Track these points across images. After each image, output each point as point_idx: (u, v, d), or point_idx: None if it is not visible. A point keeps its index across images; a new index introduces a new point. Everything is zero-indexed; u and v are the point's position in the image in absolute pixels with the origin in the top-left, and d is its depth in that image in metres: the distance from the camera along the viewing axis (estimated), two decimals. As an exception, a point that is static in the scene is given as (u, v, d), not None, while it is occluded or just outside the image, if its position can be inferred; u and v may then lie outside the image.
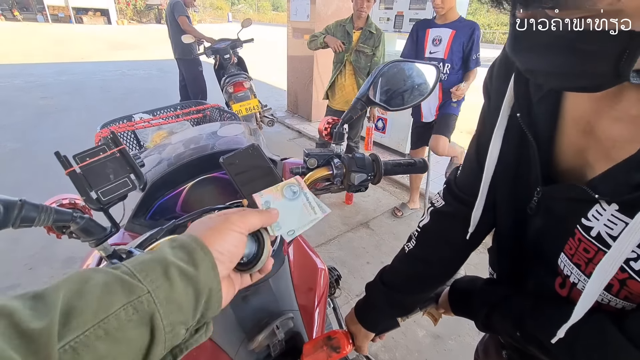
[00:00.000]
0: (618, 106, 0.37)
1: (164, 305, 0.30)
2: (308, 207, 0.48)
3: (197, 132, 0.78)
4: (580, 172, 0.44)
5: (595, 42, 0.27)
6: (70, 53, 10.32)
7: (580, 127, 0.43)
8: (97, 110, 4.85)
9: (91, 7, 26.50)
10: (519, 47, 0.34)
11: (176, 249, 0.34)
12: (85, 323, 0.25)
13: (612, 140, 0.39)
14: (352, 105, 0.69)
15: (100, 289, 0.27)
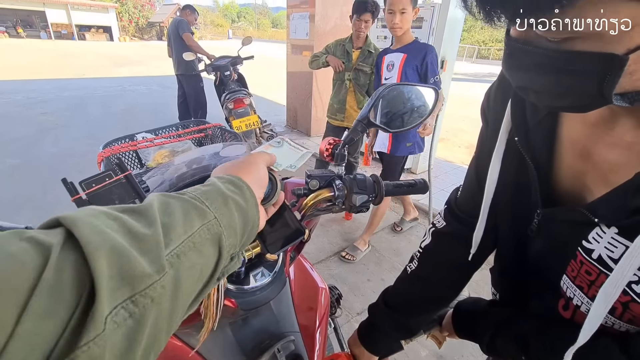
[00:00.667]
0: (612, 132, 0.38)
1: (226, 229, 0.35)
2: (294, 148, 0.61)
3: (200, 152, 0.79)
4: (579, 195, 0.45)
5: (579, 63, 0.29)
6: (72, 69, 10.47)
7: (577, 151, 0.44)
8: (98, 125, 4.88)
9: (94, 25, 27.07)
10: (512, 65, 0.35)
11: (227, 184, 0.39)
12: (180, 237, 0.30)
13: (609, 165, 0.39)
14: (353, 127, 0.70)
15: (181, 211, 0.32)
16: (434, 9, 2.97)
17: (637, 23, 0.25)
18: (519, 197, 0.52)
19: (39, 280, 0.21)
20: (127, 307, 0.24)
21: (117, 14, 28.58)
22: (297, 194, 0.70)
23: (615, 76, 0.28)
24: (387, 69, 2.00)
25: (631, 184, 0.35)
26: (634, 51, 0.26)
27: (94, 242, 0.24)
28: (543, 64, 0.31)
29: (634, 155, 0.37)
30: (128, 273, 0.25)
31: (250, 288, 0.62)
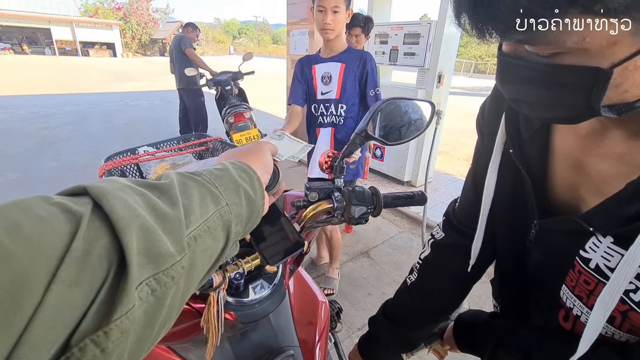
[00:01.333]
0: (603, 144, 0.39)
1: (235, 217, 0.36)
2: (293, 141, 0.65)
3: (200, 165, 0.80)
4: (574, 205, 0.45)
5: (566, 76, 0.30)
6: (75, 84, 10.62)
7: (570, 163, 0.45)
8: (99, 139, 4.92)
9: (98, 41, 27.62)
10: (505, 79, 0.37)
11: (240, 171, 0.40)
12: (197, 220, 0.31)
13: (601, 176, 0.40)
14: (351, 140, 0.71)
15: (197, 194, 0.33)
16: (430, 26, 3.04)
17: (620, 39, 0.26)
18: (516, 208, 0.53)
19: (69, 249, 0.21)
20: (151, 284, 0.25)
21: (120, 31, 29.22)
22: (296, 205, 0.71)
23: (602, 89, 0.29)
24: (323, 82, 1.70)
25: (623, 194, 0.36)
26: (618, 65, 0.28)
27: (126, 218, 0.24)
28: (534, 77, 0.32)
29: (624, 166, 0.37)
30: (154, 251, 0.25)
31: (250, 301, 0.62)
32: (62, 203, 0.23)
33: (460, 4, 0.31)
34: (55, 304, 0.19)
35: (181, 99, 4.56)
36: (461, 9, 0.31)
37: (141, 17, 31.28)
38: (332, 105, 1.70)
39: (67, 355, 0.20)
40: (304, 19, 4.41)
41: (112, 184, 0.27)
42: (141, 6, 31.38)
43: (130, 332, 0.23)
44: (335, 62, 1.66)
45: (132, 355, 0.24)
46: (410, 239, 2.66)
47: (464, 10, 0.31)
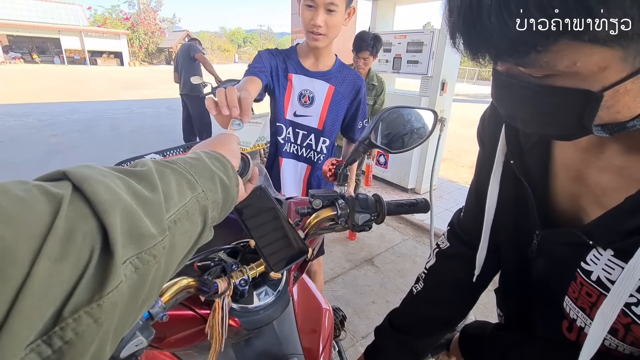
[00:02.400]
0: (603, 156, 0.40)
1: (212, 203, 0.37)
2: (254, 124, 0.64)
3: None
4: (576, 216, 0.45)
5: (558, 97, 0.31)
6: (83, 93, 10.80)
7: (571, 174, 0.45)
8: (106, 147, 4.99)
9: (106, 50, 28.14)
10: (500, 96, 0.37)
11: (214, 160, 0.42)
12: (176, 204, 0.33)
13: (601, 188, 0.40)
14: (355, 148, 0.72)
15: (174, 181, 0.34)
16: (433, 34, 3.07)
17: (610, 65, 0.27)
18: (518, 218, 0.53)
19: (52, 227, 0.22)
20: (134, 263, 0.26)
21: (128, 40, 29.75)
22: (300, 213, 0.71)
23: (594, 110, 0.29)
24: (301, 101, 1.24)
25: (623, 207, 0.36)
26: (609, 88, 0.28)
27: (109, 201, 0.25)
28: (528, 96, 0.33)
29: (624, 179, 0.38)
30: (137, 232, 0.27)
31: (254, 307, 0.63)
32: (41, 185, 0.24)
33: (455, 26, 0.32)
34: (43, 277, 0.20)
35: (184, 105, 4.61)
36: (455, 30, 0.32)
37: (148, 26, 31.85)
38: (312, 136, 1.28)
39: (62, 325, 0.21)
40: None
41: (92, 170, 0.28)
42: (148, 16, 31.98)
43: (119, 305, 0.25)
44: (322, 81, 1.22)
45: (118, 327, 0.26)
46: (415, 246, 2.65)
47: (458, 32, 0.32)
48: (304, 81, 1.22)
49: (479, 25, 0.28)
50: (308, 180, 1.36)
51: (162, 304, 0.46)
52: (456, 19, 0.31)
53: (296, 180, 1.37)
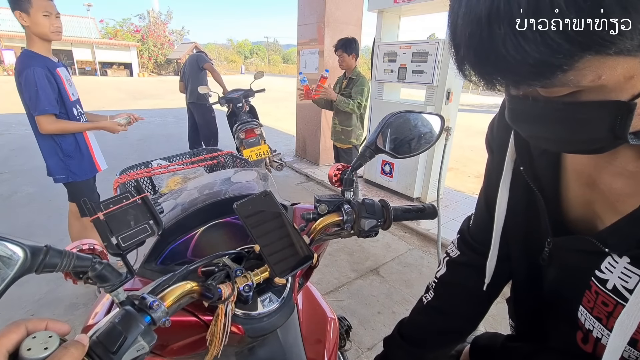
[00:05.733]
0: (616, 162, 0.38)
1: None
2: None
3: (212, 178, 0.81)
4: (590, 223, 0.44)
5: (587, 111, 0.29)
6: (93, 102, 11.01)
7: (583, 180, 0.44)
8: (114, 155, 5.04)
9: (116, 62, 28.80)
10: (518, 118, 0.35)
11: None
12: None
13: (615, 193, 0.39)
14: (361, 152, 0.71)
15: None
16: (438, 44, 3.09)
17: (635, 73, 0.26)
18: (529, 225, 0.51)
19: None
20: None
21: (138, 51, 30.43)
22: (306, 218, 0.71)
23: (627, 119, 0.28)
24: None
25: (638, 213, 0.35)
26: (638, 96, 0.27)
27: None
28: (550, 115, 0.31)
29: (638, 184, 0.37)
30: None
31: (258, 314, 0.61)
32: None
33: (464, 59, 0.30)
34: None
35: (190, 114, 4.67)
36: (464, 63, 0.30)
37: (158, 38, 32.58)
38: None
39: None
40: (313, 39, 4.53)
41: None
42: (158, 28, 32.75)
43: None
44: None
45: None
46: (421, 256, 2.61)
47: (469, 65, 0.30)
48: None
49: (494, 56, 0.27)
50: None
51: (165, 308, 0.46)
52: (465, 52, 0.29)
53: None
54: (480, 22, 0.26)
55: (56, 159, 1.77)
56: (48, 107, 1.59)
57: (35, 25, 1.57)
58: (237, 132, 3.42)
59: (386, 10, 3.62)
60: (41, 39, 1.63)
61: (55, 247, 0.39)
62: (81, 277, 0.44)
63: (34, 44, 1.63)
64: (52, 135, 1.71)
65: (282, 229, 0.66)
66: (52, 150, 1.75)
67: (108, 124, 1.86)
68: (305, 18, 4.61)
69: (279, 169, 3.53)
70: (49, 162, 1.79)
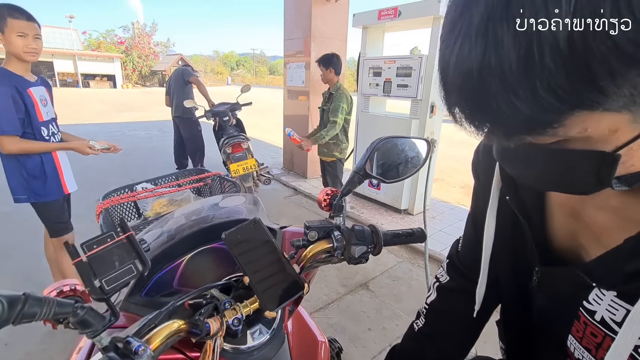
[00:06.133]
0: (598, 196, 0.39)
1: None
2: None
3: (199, 205, 0.79)
4: (575, 253, 0.45)
5: (572, 159, 0.30)
6: (74, 115, 10.75)
7: (567, 211, 0.45)
8: (95, 171, 4.91)
9: (99, 74, 28.33)
10: (505, 157, 0.36)
11: None
12: None
13: (599, 227, 0.40)
14: (350, 178, 0.72)
15: None
16: (421, 60, 3.17)
17: (620, 127, 0.27)
18: (516, 251, 0.52)
19: None
20: None
21: (122, 63, 30.05)
22: (295, 245, 0.70)
23: (611, 168, 0.28)
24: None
25: (623, 249, 0.36)
26: (621, 148, 0.28)
27: None
28: (537, 159, 0.32)
29: (621, 219, 0.37)
30: None
31: (248, 348, 0.60)
32: None
33: (455, 103, 0.30)
34: None
35: (176, 128, 4.62)
36: (454, 106, 0.30)
37: (142, 50, 32.31)
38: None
39: None
40: (300, 52, 4.59)
41: None
42: (143, 40, 32.51)
43: None
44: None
45: None
46: (410, 269, 2.62)
47: (459, 110, 0.30)
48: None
49: (485, 108, 0.27)
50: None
51: (151, 352, 0.44)
52: (456, 100, 0.29)
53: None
54: (471, 75, 0.26)
55: (19, 178, 1.72)
56: (7, 128, 1.56)
57: (9, 45, 1.55)
58: (223, 147, 3.39)
59: (370, 26, 3.71)
60: (17, 58, 1.60)
61: (34, 295, 0.37)
62: (61, 321, 0.42)
63: (9, 62, 1.60)
64: (16, 155, 1.66)
65: (272, 259, 0.65)
66: (15, 169, 1.71)
67: (77, 144, 1.81)
68: (291, 33, 4.67)
69: (267, 183, 3.51)
70: (11, 182, 1.74)
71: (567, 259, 0.46)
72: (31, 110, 1.66)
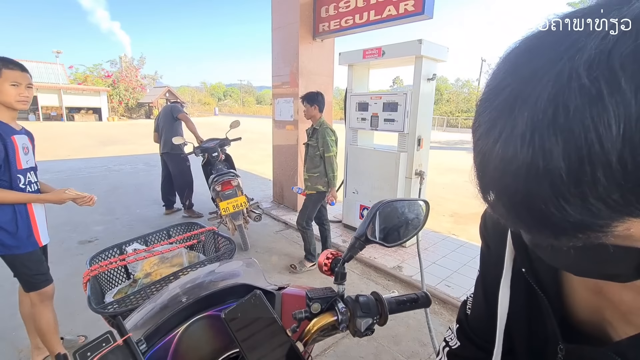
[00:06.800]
0: None
1: None
2: None
3: (195, 275, 0.76)
4: (600, 329, 0.43)
5: (613, 253, 0.29)
6: (57, 150, 10.55)
7: (589, 286, 0.43)
8: (77, 210, 4.70)
9: (85, 107, 28.22)
10: (539, 247, 0.34)
11: None
12: None
13: (627, 305, 0.38)
14: (351, 244, 0.71)
15: None
16: (406, 96, 3.29)
17: None
18: (533, 326, 0.51)
19: None
20: None
21: (108, 96, 30.10)
22: (298, 318, 0.67)
23: None
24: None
25: None
26: None
27: None
28: (577, 251, 0.31)
29: None
30: None
31: None
32: None
33: (501, 202, 0.29)
34: None
35: (164, 165, 4.57)
36: (490, 191, 0.29)
37: (130, 83, 32.58)
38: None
39: None
40: (285, 82, 4.72)
41: None
42: (130, 73, 32.86)
43: None
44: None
45: None
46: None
47: (501, 206, 0.29)
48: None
49: (534, 210, 0.26)
50: None
51: None
52: (498, 197, 0.29)
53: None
54: (518, 175, 0.25)
55: None
56: None
57: (1, 94, 1.55)
58: (213, 184, 3.35)
59: (356, 64, 3.86)
60: (5, 107, 1.60)
61: None
62: None
63: None
64: None
65: (273, 332, 0.62)
66: None
67: (52, 196, 1.76)
68: (279, 70, 4.81)
69: (257, 219, 3.46)
70: None
71: (591, 335, 0.45)
72: (11, 156, 1.63)
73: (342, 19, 4.14)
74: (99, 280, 0.93)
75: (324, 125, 3.05)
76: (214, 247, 1.08)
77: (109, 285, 1.00)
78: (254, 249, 3.52)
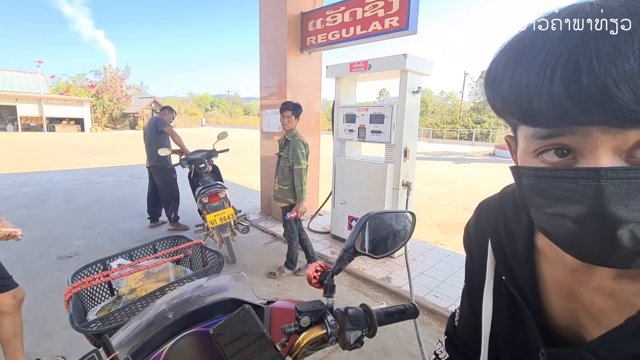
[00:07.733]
0: (593, 278, 0.40)
1: None
2: None
3: (182, 290, 0.75)
4: (577, 332, 0.45)
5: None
6: (37, 162, 10.23)
7: (563, 291, 0.45)
8: (57, 223, 4.60)
9: (66, 117, 27.57)
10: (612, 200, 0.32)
11: None
12: None
13: (597, 307, 0.40)
14: (340, 257, 0.71)
15: None
16: (392, 108, 3.36)
17: None
18: (515, 331, 0.52)
19: None
20: None
21: (91, 106, 29.51)
22: (287, 332, 0.67)
23: None
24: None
25: (625, 329, 0.36)
26: None
27: None
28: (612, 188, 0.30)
29: (619, 301, 0.38)
30: None
31: None
32: None
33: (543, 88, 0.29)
34: None
35: (150, 178, 4.49)
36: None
37: (114, 93, 32.08)
38: None
39: None
40: (273, 93, 4.75)
41: None
42: (115, 83, 32.39)
43: None
44: None
45: None
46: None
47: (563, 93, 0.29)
48: None
49: (600, 89, 0.27)
50: None
51: None
52: (556, 79, 0.28)
53: None
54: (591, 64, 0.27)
55: None
56: None
57: None
58: (200, 196, 3.31)
59: (343, 77, 3.93)
60: None
61: None
62: None
63: None
64: None
65: (262, 347, 0.61)
66: None
67: None
68: (267, 81, 4.85)
69: (245, 232, 3.42)
70: None
71: (569, 338, 0.46)
72: None
73: (329, 33, 4.23)
74: (81, 298, 0.89)
75: (297, 137, 3.02)
76: (202, 261, 1.07)
77: (92, 303, 0.97)
78: (242, 261, 3.47)
